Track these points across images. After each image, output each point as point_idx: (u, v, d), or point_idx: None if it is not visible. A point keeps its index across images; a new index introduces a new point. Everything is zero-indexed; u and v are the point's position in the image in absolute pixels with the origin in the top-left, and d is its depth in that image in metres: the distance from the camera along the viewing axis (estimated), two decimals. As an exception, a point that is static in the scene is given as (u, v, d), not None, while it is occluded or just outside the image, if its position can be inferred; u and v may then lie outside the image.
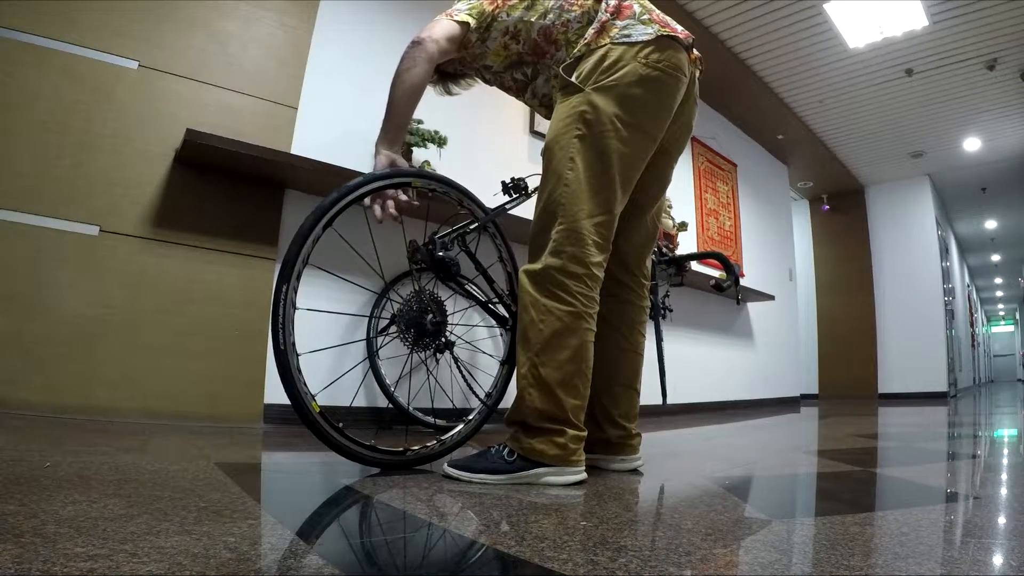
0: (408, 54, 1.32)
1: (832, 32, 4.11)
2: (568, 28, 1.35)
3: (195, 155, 2.04)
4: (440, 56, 1.34)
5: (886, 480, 1.41)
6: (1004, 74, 4.53)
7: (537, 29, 1.37)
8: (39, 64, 1.90)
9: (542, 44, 1.38)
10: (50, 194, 1.88)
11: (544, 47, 1.38)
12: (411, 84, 1.31)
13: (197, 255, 2.10)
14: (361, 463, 1.27)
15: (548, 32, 1.36)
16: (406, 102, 1.33)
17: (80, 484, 0.93)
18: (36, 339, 1.81)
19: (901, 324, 6.65)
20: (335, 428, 1.20)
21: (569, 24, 1.35)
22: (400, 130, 1.36)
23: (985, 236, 9.89)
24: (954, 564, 0.71)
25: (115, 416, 1.86)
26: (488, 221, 1.51)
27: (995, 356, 21.58)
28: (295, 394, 1.17)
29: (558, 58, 1.37)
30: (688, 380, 4.13)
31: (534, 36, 1.38)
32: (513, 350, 1.42)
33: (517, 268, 1.54)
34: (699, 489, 1.24)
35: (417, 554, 0.76)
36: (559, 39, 1.36)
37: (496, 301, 1.54)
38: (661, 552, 0.74)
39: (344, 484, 1.15)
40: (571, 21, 1.35)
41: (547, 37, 1.37)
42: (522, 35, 1.38)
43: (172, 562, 0.60)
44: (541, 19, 1.37)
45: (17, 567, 0.54)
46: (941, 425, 3.17)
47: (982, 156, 6.15)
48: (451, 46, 1.36)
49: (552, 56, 1.38)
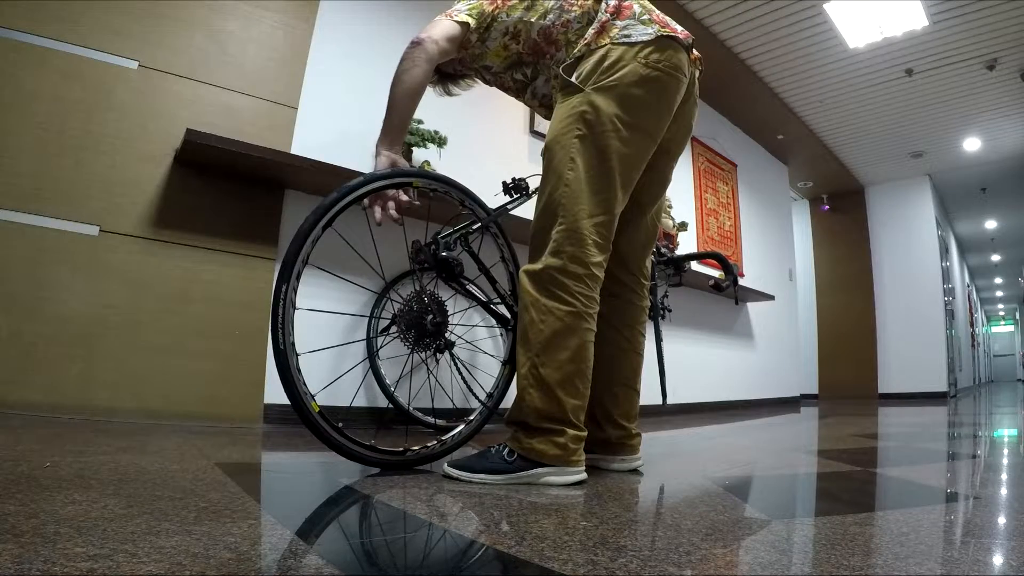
0: (408, 55, 1.32)
1: (832, 32, 4.11)
2: (568, 28, 1.35)
3: (195, 155, 2.04)
4: (440, 56, 1.34)
5: (886, 480, 1.41)
6: (1004, 74, 4.53)
7: (537, 29, 1.37)
8: (39, 64, 1.90)
9: (542, 44, 1.38)
10: (50, 194, 1.88)
11: (544, 47, 1.38)
12: (411, 85, 1.31)
13: (197, 255, 2.10)
14: (361, 463, 1.27)
15: (548, 32, 1.36)
16: (406, 103, 1.33)
17: (80, 484, 0.93)
18: (36, 339, 1.81)
19: (901, 324, 6.65)
20: (335, 428, 1.20)
21: (569, 24, 1.35)
22: (400, 131, 1.36)
23: (985, 236, 9.89)
24: (954, 564, 0.71)
25: (115, 416, 1.86)
26: (491, 221, 1.51)
27: (995, 356, 21.58)
28: (295, 394, 1.17)
29: (558, 58, 1.36)
30: (688, 380, 4.13)
31: (534, 36, 1.38)
32: (514, 350, 1.42)
33: (519, 268, 1.54)
34: (699, 489, 1.24)
35: (417, 554, 0.76)
36: (559, 39, 1.36)
37: (498, 301, 1.54)
38: (661, 552, 0.74)
39: (344, 484, 1.15)
40: (571, 21, 1.35)
41: (547, 37, 1.37)
42: (522, 35, 1.38)
43: (172, 562, 0.60)
44: (541, 19, 1.37)
45: (17, 567, 0.54)
46: (941, 425, 3.17)
47: (982, 156, 6.15)
48: (451, 46, 1.36)
49: (552, 56, 1.38)
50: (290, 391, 1.17)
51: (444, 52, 1.35)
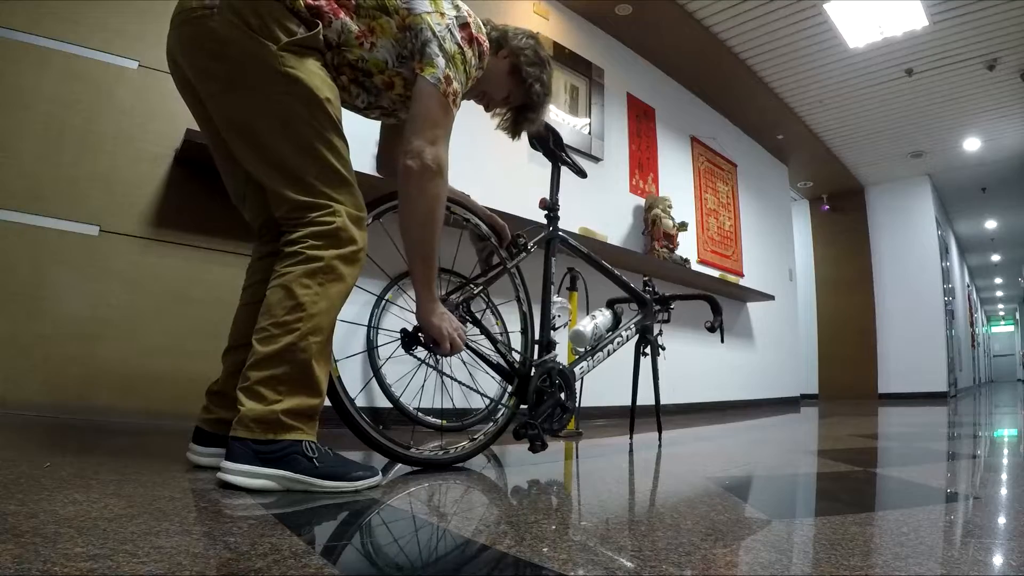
0: (428, 187, 1.17)
1: (832, 32, 4.11)
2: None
3: (195, 155, 2.04)
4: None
5: (886, 480, 1.41)
6: (1004, 74, 4.53)
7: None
8: (39, 64, 1.90)
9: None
10: (50, 194, 1.88)
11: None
12: (441, 217, 1.21)
13: (197, 255, 2.10)
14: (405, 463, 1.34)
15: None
16: (437, 239, 1.21)
17: (80, 484, 0.93)
18: (36, 339, 1.81)
19: (901, 324, 6.65)
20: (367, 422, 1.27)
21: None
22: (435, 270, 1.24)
23: (985, 236, 9.89)
24: (954, 564, 0.71)
25: (115, 416, 1.86)
26: (514, 267, 1.59)
27: (995, 356, 21.57)
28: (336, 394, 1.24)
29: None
30: (688, 380, 4.12)
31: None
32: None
33: (532, 308, 1.66)
34: (699, 489, 1.24)
35: (417, 554, 0.76)
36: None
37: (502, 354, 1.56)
38: (661, 552, 0.74)
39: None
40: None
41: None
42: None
43: (172, 562, 0.60)
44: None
45: (17, 567, 0.54)
46: (941, 425, 3.17)
47: (982, 156, 6.15)
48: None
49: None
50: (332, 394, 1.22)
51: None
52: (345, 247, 1.12)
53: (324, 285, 1.09)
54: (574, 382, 1.67)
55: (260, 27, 1.08)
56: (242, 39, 1.07)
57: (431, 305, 1.23)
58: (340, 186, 1.15)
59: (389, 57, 1.21)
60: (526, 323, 1.66)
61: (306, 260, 1.09)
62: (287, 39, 1.09)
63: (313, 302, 1.07)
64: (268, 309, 1.07)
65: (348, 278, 1.14)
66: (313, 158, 1.13)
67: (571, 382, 1.65)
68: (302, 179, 1.12)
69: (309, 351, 1.06)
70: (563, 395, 1.60)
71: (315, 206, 1.12)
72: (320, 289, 1.08)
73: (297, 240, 1.11)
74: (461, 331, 1.28)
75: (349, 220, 1.14)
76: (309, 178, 1.12)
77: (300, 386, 1.05)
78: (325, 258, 1.09)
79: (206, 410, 1.23)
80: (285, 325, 1.05)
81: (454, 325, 1.27)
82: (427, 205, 1.17)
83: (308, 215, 1.11)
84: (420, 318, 1.25)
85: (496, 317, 2.51)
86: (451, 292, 1.43)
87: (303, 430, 1.04)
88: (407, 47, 1.21)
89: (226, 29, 1.07)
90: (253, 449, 1.00)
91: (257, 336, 1.06)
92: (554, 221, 1.73)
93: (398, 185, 1.19)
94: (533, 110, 1.45)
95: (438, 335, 1.24)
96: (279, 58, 1.08)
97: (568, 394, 1.62)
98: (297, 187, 1.12)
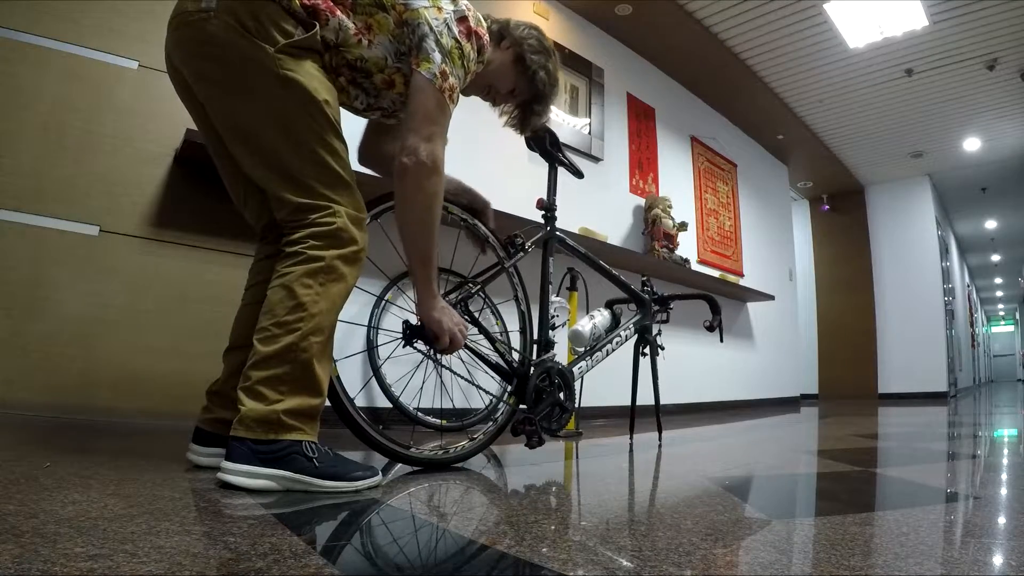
0: (425, 184, 1.16)
1: (832, 32, 4.11)
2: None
3: (195, 155, 2.03)
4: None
5: (886, 480, 1.41)
6: (1004, 74, 4.53)
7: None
8: (39, 64, 1.90)
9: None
10: (50, 194, 1.88)
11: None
12: (438, 214, 1.20)
13: (197, 255, 2.10)
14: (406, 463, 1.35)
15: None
16: (436, 233, 1.20)
17: (80, 484, 0.93)
18: (36, 339, 1.81)
19: (901, 324, 6.65)
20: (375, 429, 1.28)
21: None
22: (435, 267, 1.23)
23: (985, 236, 9.89)
24: (954, 564, 0.71)
25: (115, 416, 1.86)
26: (511, 266, 1.59)
27: (995, 356, 21.56)
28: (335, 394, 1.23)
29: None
30: (688, 380, 4.12)
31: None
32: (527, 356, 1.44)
33: (531, 307, 1.66)
34: (699, 489, 1.24)
35: (417, 554, 0.76)
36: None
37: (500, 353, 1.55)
38: (661, 552, 0.74)
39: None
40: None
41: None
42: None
43: (172, 562, 0.60)
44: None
45: (17, 567, 0.54)
46: (941, 425, 3.17)
47: (982, 156, 6.15)
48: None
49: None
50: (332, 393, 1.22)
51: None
52: (346, 247, 1.12)
53: (325, 285, 1.09)
54: (573, 382, 1.67)
55: (257, 30, 1.07)
56: (239, 42, 1.07)
57: (432, 300, 1.23)
58: (340, 187, 1.15)
59: (388, 54, 1.21)
60: (525, 323, 1.66)
61: (307, 260, 1.09)
62: (284, 41, 1.08)
63: (314, 302, 1.07)
64: (269, 309, 1.08)
65: (349, 278, 1.14)
66: (312, 160, 1.12)
67: (570, 382, 1.65)
68: (302, 181, 1.12)
69: (310, 351, 1.06)
70: (562, 395, 1.61)
71: (315, 208, 1.11)
72: (321, 289, 1.08)
73: (298, 240, 1.11)
74: (463, 326, 1.28)
75: (349, 221, 1.13)
76: (309, 180, 1.12)
77: (301, 386, 1.05)
78: (326, 258, 1.09)
79: (206, 410, 1.23)
80: (286, 325, 1.05)
81: (455, 320, 1.26)
82: (424, 203, 1.17)
83: (308, 216, 1.11)
84: (421, 313, 1.25)
85: (495, 317, 2.51)
86: (450, 292, 1.44)
87: (304, 430, 1.04)
88: (405, 43, 1.20)
89: (223, 32, 1.07)
90: (253, 449, 1.00)
91: (258, 336, 1.06)
92: (551, 221, 1.73)
93: (394, 183, 1.18)
94: (540, 101, 1.43)
95: (438, 329, 1.24)
96: (277, 61, 1.08)
97: (567, 394, 1.62)
98: (297, 189, 1.12)
